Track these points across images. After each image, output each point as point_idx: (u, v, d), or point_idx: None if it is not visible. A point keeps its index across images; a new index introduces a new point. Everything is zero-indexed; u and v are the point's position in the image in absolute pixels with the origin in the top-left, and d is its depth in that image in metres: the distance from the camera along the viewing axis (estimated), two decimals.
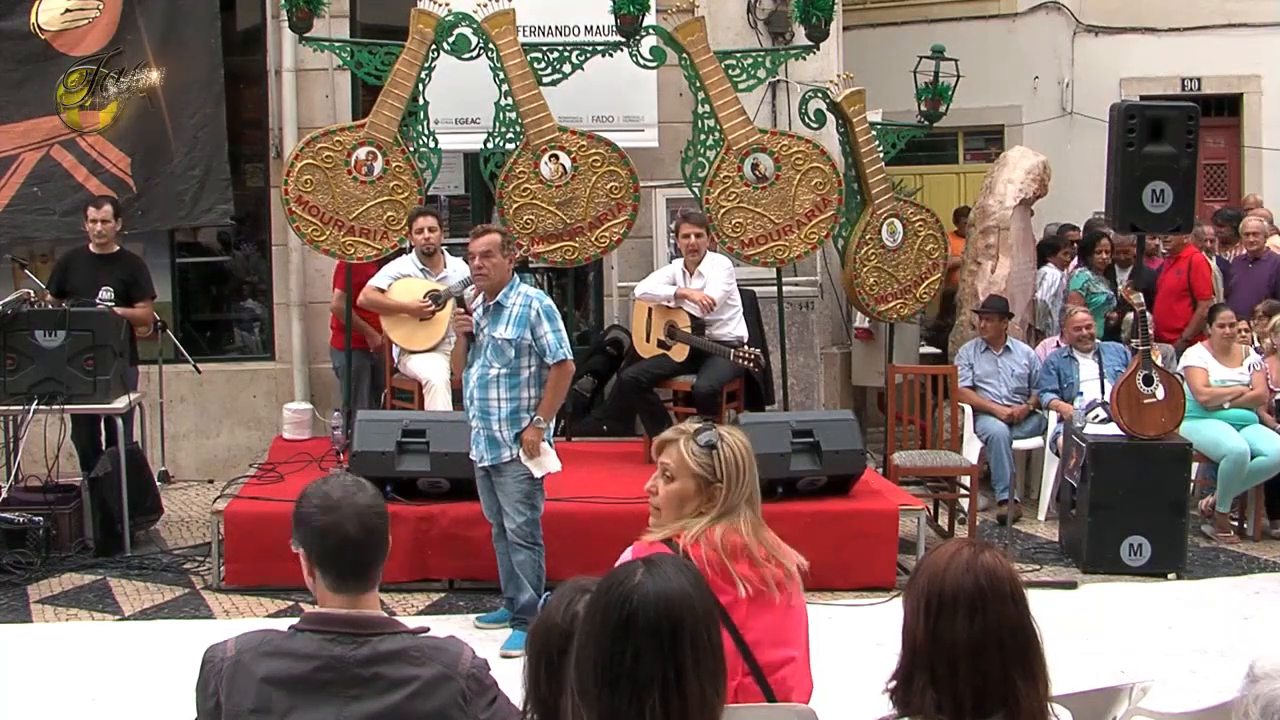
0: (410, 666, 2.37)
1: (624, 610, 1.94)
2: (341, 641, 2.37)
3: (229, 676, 2.37)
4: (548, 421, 5.43)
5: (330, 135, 7.46)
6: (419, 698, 2.35)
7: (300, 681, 2.34)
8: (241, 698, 2.35)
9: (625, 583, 1.98)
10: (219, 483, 7.76)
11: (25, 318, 6.75)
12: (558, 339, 5.35)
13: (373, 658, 2.36)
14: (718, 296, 7.15)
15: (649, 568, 2.02)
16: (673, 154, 8.20)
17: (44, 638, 5.67)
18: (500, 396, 5.36)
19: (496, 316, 5.37)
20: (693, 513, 3.01)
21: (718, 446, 3.04)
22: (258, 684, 2.35)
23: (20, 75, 8.45)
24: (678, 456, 3.02)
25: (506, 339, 5.32)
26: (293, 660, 2.37)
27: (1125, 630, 5.80)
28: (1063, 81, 12.85)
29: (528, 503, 5.47)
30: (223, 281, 9.74)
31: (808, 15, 7.63)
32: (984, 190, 9.13)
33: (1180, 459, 6.75)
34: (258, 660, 2.38)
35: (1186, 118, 6.77)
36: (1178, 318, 8.77)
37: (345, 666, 2.35)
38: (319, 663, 2.35)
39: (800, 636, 3.01)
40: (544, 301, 5.40)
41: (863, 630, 5.57)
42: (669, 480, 3.04)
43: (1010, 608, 2.16)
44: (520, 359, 5.35)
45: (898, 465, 7.34)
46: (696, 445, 3.03)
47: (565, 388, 5.51)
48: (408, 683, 2.35)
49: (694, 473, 3.01)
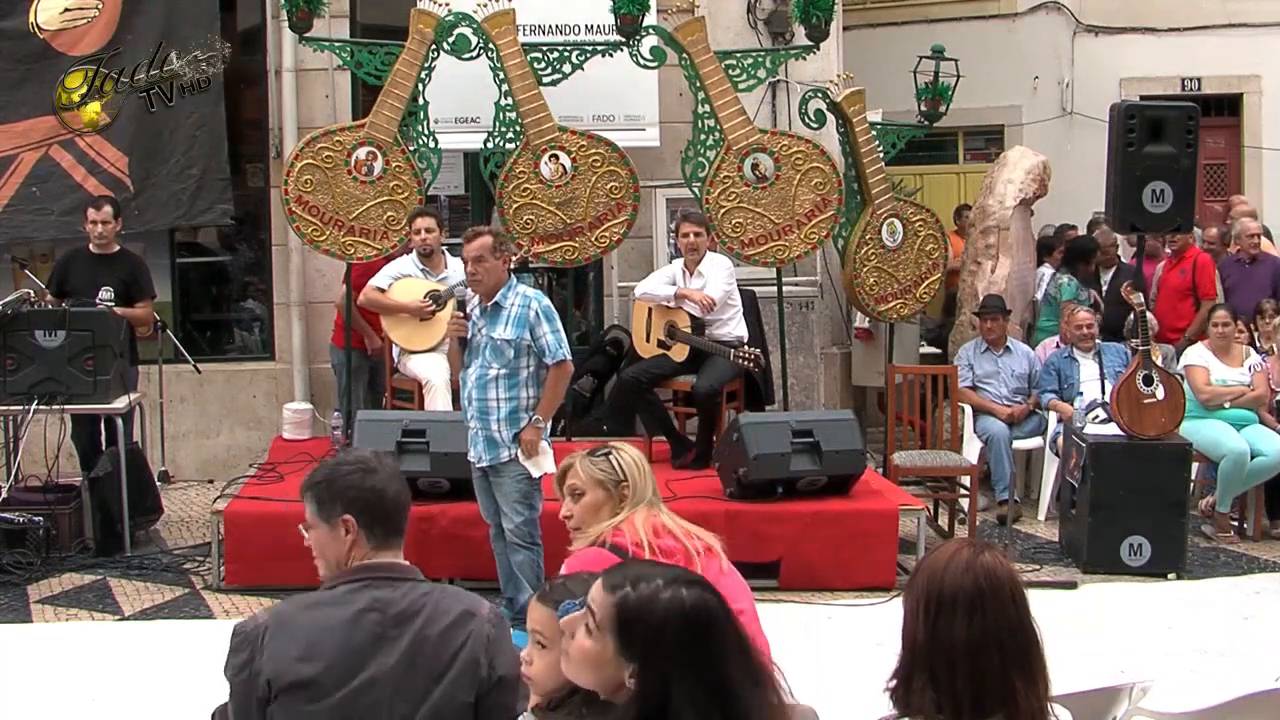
0: (441, 605, 2.59)
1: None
2: (380, 586, 2.58)
3: (271, 636, 2.51)
4: (546, 421, 5.43)
5: (330, 135, 7.46)
6: (451, 630, 2.56)
7: (348, 624, 2.52)
8: (286, 649, 2.49)
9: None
10: (219, 483, 7.76)
11: (25, 318, 6.75)
12: (557, 339, 5.35)
13: (412, 598, 2.58)
14: (718, 296, 7.15)
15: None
16: (673, 154, 8.20)
17: (44, 638, 5.66)
18: (499, 396, 5.36)
19: (495, 317, 5.37)
20: (608, 517, 3.26)
21: (612, 453, 3.32)
22: (304, 634, 2.51)
23: (19, 75, 8.45)
24: (581, 474, 3.32)
25: (506, 339, 5.32)
26: (336, 607, 2.55)
27: (1125, 630, 5.80)
28: (1063, 81, 12.85)
29: (526, 503, 5.46)
30: (223, 281, 9.74)
31: (808, 15, 7.63)
32: (984, 190, 9.13)
33: (1180, 459, 6.75)
34: (300, 614, 2.56)
35: (1186, 118, 6.76)
36: (1181, 317, 8.77)
37: (388, 605, 2.55)
38: (363, 604, 2.54)
39: (745, 595, 3.20)
40: (543, 302, 5.40)
41: (863, 630, 5.56)
42: (579, 498, 3.31)
43: (1010, 608, 2.16)
44: (519, 359, 5.34)
45: (898, 465, 7.34)
46: (593, 459, 3.32)
47: (564, 388, 5.51)
48: (441, 618, 2.56)
49: (599, 480, 3.29)
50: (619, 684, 2.11)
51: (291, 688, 2.46)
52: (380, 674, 2.49)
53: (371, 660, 2.49)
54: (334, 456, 2.78)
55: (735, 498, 6.40)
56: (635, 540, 3.12)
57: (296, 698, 2.46)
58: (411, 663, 2.50)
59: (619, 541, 3.11)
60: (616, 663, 2.10)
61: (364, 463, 2.68)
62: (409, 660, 2.50)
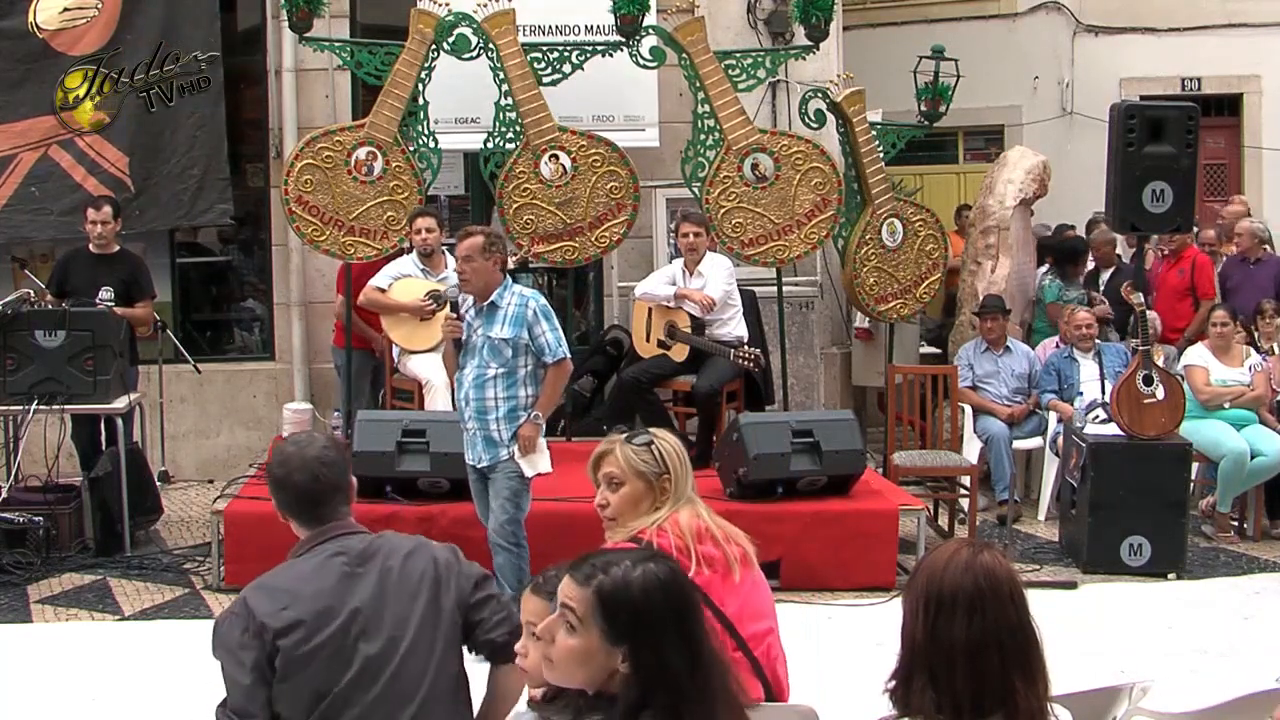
0: (394, 543, 2.84)
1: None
2: (340, 539, 2.81)
3: (252, 601, 2.68)
4: (546, 418, 5.43)
5: (330, 135, 7.46)
6: (409, 560, 2.79)
7: (318, 569, 2.74)
8: (268, 605, 2.66)
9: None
10: (219, 483, 7.76)
11: (25, 318, 6.75)
12: (556, 338, 5.35)
13: (371, 539, 2.83)
14: (717, 296, 7.15)
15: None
16: (673, 154, 8.20)
17: (44, 638, 5.66)
18: (497, 395, 5.34)
19: (491, 317, 5.35)
20: (648, 510, 3.09)
21: (654, 442, 3.13)
22: (282, 585, 2.72)
23: (18, 74, 8.44)
24: (621, 462, 3.11)
25: (503, 338, 5.30)
26: (303, 561, 2.78)
27: (1125, 630, 5.79)
28: (1063, 81, 12.85)
29: (514, 501, 5.42)
30: (223, 281, 9.74)
31: (808, 15, 7.63)
32: (984, 190, 9.13)
33: (1180, 459, 6.74)
34: (275, 577, 2.76)
35: (1186, 118, 6.76)
36: (1180, 317, 8.76)
37: (350, 549, 2.78)
38: (331, 551, 2.77)
39: (772, 609, 3.10)
40: (540, 301, 5.38)
41: (863, 630, 5.56)
42: (617, 488, 3.11)
43: (1009, 608, 2.16)
44: (517, 358, 5.33)
45: (898, 465, 7.34)
46: (635, 446, 3.12)
47: (563, 386, 5.51)
48: (397, 551, 2.81)
49: (640, 472, 3.09)
50: (609, 674, 2.13)
51: (285, 632, 2.64)
52: (361, 603, 2.70)
53: (349, 594, 2.71)
54: (281, 444, 3.00)
55: (735, 498, 6.40)
56: (679, 545, 2.97)
57: (293, 640, 2.63)
58: (384, 589, 2.73)
59: (663, 544, 2.96)
60: (605, 652, 2.12)
61: (280, 453, 2.92)
62: (381, 588, 2.73)
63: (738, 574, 3.01)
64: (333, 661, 2.65)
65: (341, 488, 2.87)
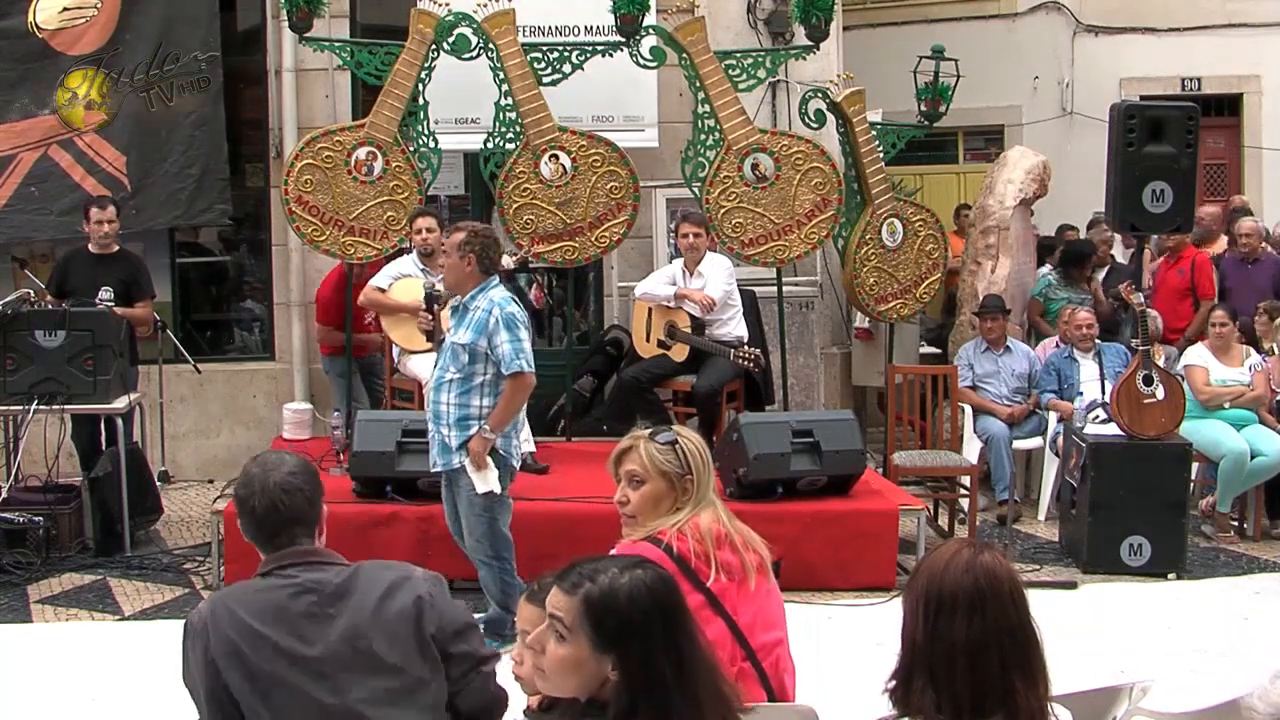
0: (373, 577, 2.63)
1: None
2: (309, 569, 2.60)
3: (212, 626, 2.53)
4: (496, 433, 5.17)
5: (330, 135, 7.46)
6: (387, 599, 2.59)
7: (283, 610, 2.54)
8: (227, 639, 2.50)
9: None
10: (219, 483, 7.77)
11: (25, 318, 6.75)
12: (515, 349, 5.10)
13: (345, 576, 2.61)
14: (718, 296, 7.15)
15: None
16: (673, 154, 8.20)
17: (44, 638, 5.66)
18: (450, 401, 5.18)
19: (460, 320, 5.22)
20: (669, 510, 3.04)
21: (679, 441, 3.08)
22: (242, 623, 2.52)
23: (17, 74, 8.44)
24: (643, 460, 3.06)
25: (461, 343, 5.15)
26: (271, 593, 2.57)
27: (1125, 630, 5.79)
28: (1063, 81, 12.85)
29: (482, 518, 5.24)
30: (223, 281, 9.74)
31: (808, 15, 7.62)
32: (984, 190, 9.13)
33: (1180, 459, 6.74)
34: (236, 604, 2.57)
35: (1186, 118, 6.76)
36: (1180, 318, 8.76)
37: (323, 586, 2.58)
38: (298, 587, 2.57)
39: (783, 619, 3.07)
40: (506, 309, 5.14)
41: (863, 630, 5.56)
42: (638, 485, 3.06)
43: (1009, 609, 2.16)
44: (474, 365, 5.14)
45: (898, 465, 7.34)
46: (659, 444, 3.07)
47: (520, 401, 5.24)
48: (374, 588, 2.60)
49: (663, 471, 3.04)
50: (600, 681, 2.14)
51: (231, 669, 2.49)
52: (325, 650, 2.52)
53: (315, 637, 2.52)
54: (251, 460, 2.78)
55: (735, 498, 6.39)
56: (699, 550, 2.94)
57: (240, 679, 2.48)
58: (355, 633, 2.54)
59: (682, 549, 2.93)
60: (595, 660, 2.13)
61: (245, 474, 2.69)
62: (352, 632, 2.54)
63: (753, 582, 2.98)
64: (291, 709, 2.49)
65: (302, 519, 2.65)
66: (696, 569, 2.93)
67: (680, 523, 2.99)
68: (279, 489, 2.62)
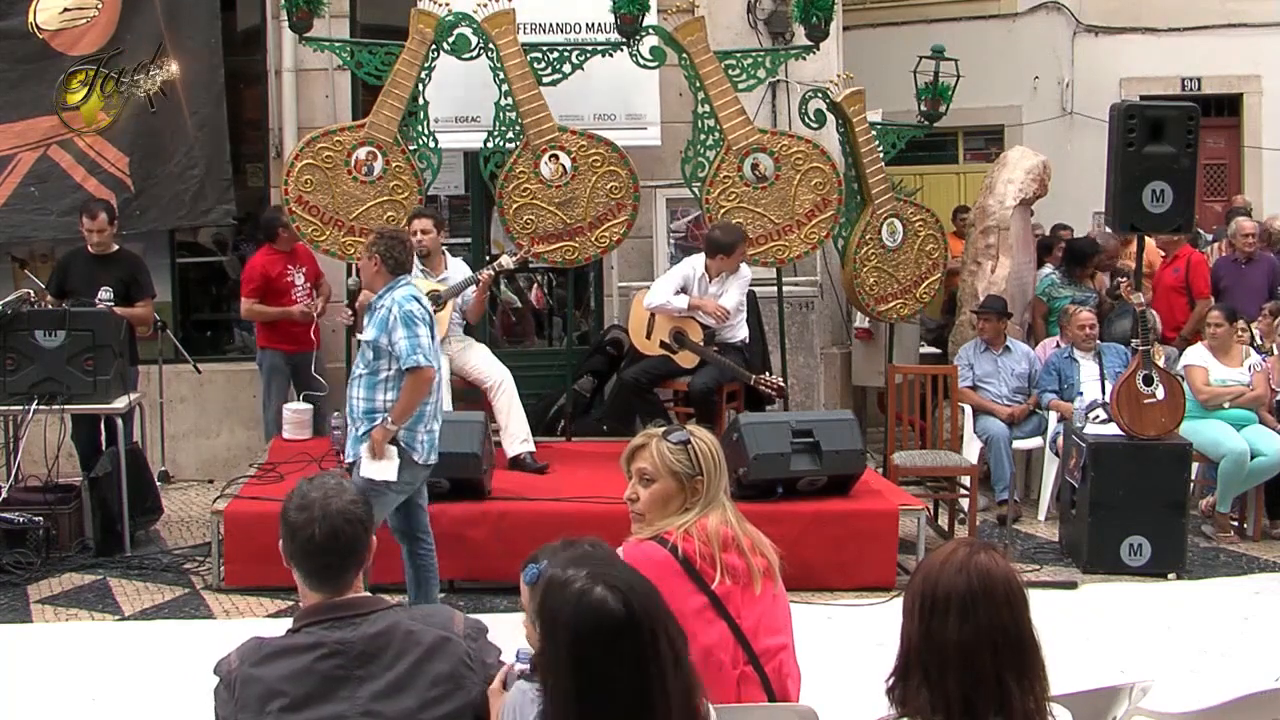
0: (410, 635, 2.43)
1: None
2: (339, 626, 2.42)
3: (240, 685, 2.39)
4: (398, 425, 5.20)
5: (330, 135, 7.46)
6: (426, 662, 2.41)
7: (307, 674, 2.37)
8: (254, 705, 2.36)
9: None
10: (219, 483, 7.76)
11: (25, 318, 6.75)
12: (411, 345, 5.15)
13: (374, 634, 2.41)
14: (732, 306, 7.15)
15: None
16: (673, 154, 8.20)
17: (44, 638, 5.66)
18: (358, 396, 5.27)
19: (369, 317, 5.34)
20: (677, 510, 3.04)
21: (691, 441, 3.06)
22: (267, 688, 2.37)
23: (18, 75, 8.45)
24: (655, 459, 3.05)
25: (365, 340, 5.28)
26: (295, 656, 2.40)
27: (1125, 630, 5.79)
28: (1063, 81, 12.86)
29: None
30: (223, 281, 9.74)
31: (808, 15, 7.63)
32: (984, 190, 9.13)
33: (1180, 459, 6.74)
34: (260, 666, 2.41)
35: (1186, 118, 6.76)
36: (1176, 316, 8.77)
37: (350, 647, 2.40)
38: (324, 650, 2.39)
39: (789, 624, 3.06)
40: (404, 307, 5.20)
41: (863, 630, 5.57)
42: (649, 483, 3.05)
43: (1003, 609, 2.15)
44: (379, 360, 5.23)
45: (898, 465, 7.34)
46: (670, 444, 3.05)
47: (420, 394, 5.26)
48: (412, 650, 2.41)
49: (674, 471, 3.03)
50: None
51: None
52: (351, 710, 2.36)
53: (333, 703, 2.36)
54: (306, 479, 2.62)
55: (735, 498, 6.22)
56: (705, 552, 2.93)
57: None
58: (384, 694, 2.38)
59: (687, 550, 2.93)
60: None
61: (304, 498, 2.51)
62: (382, 694, 2.37)
63: (759, 586, 2.97)
64: None
65: (358, 551, 2.49)
66: (701, 570, 2.92)
67: (687, 524, 2.98)
68: (342, 517, 2.46)
